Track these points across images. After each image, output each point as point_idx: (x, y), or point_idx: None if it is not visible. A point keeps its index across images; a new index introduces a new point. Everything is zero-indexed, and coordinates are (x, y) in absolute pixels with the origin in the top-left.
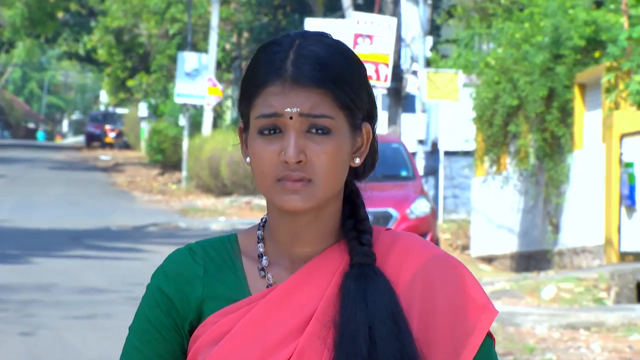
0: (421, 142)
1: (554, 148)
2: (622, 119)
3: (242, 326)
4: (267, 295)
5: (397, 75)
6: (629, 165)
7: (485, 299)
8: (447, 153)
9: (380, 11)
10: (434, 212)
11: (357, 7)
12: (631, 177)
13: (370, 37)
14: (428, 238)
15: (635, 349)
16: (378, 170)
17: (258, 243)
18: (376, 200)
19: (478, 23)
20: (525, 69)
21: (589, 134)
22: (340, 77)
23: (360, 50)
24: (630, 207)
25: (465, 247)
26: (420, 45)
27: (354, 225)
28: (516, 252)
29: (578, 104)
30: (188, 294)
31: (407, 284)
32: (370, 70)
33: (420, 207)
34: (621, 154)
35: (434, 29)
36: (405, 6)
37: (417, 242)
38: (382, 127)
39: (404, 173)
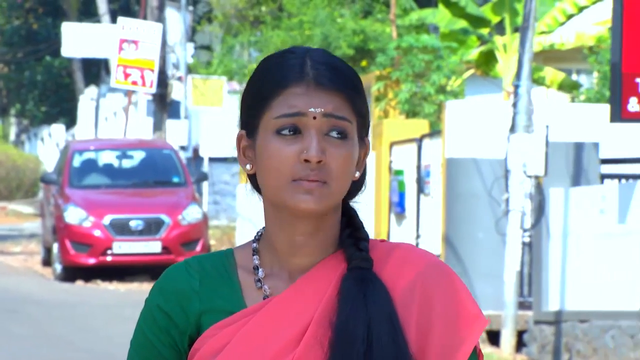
0: (183, 148)
1: None
2: (391, 127)
3: (240, 338)
4: (265, 307)
5: (163, 81)
6: (399, 172)
7: (477, 308)
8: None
9: (145, 17)
10: (206, 219)
11: (112, 13)
12: (401, 185)
13: (135, 42)
14: (200, 245)
15: None
16: (150, 177)
17: (253, 255)
18: (148, 207)
19: (248, 31)
20: None
21: None
22: (354, 85)
23: (126, 56)
24: (400, 214)
25: None
26: (182, 52)
27: (350, 233)
28: None
29: None
30: (186, 309)
31: (405, 291)
32: (135, 76)
33: (192, 214)
34: (391, 161)
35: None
36: (167, 12)
37: (413, 250)
38: (147, 133)
39: (175, 179)
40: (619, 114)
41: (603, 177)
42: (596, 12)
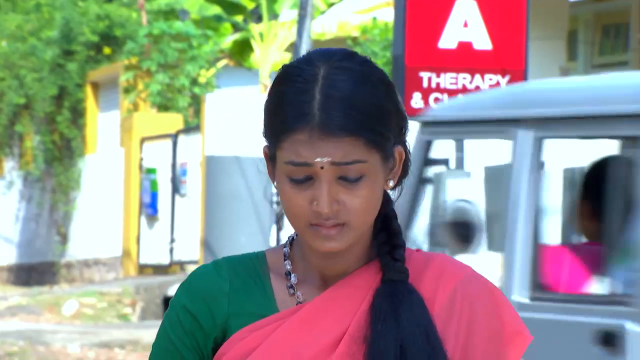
0: None
1: (64, 151)
2: (142, 122)
3: (271, 343)
4: (297, 312)
5: None
6: (151, 171)
7: (521, 323)
8: None
9: None
10: None
11: None
12: (154, 184)
13: None
14: None
15: None
16: None
17: (284, 261)
18: None
19: None
20: (33, 65)
21: (104, 137)
22: (371, 116)
23: None
24: (152, 216)
25: None
26: None
27: (386, 239)
28: (15, 263)
29: (91, 104)
30: (213, 310)
31: (445, 303)
32: None
33: None
34: (142, 159)
35: None
36: None
37: (451, 261)
38: None
39: None
40: None
41: None
42: (359, 0)
